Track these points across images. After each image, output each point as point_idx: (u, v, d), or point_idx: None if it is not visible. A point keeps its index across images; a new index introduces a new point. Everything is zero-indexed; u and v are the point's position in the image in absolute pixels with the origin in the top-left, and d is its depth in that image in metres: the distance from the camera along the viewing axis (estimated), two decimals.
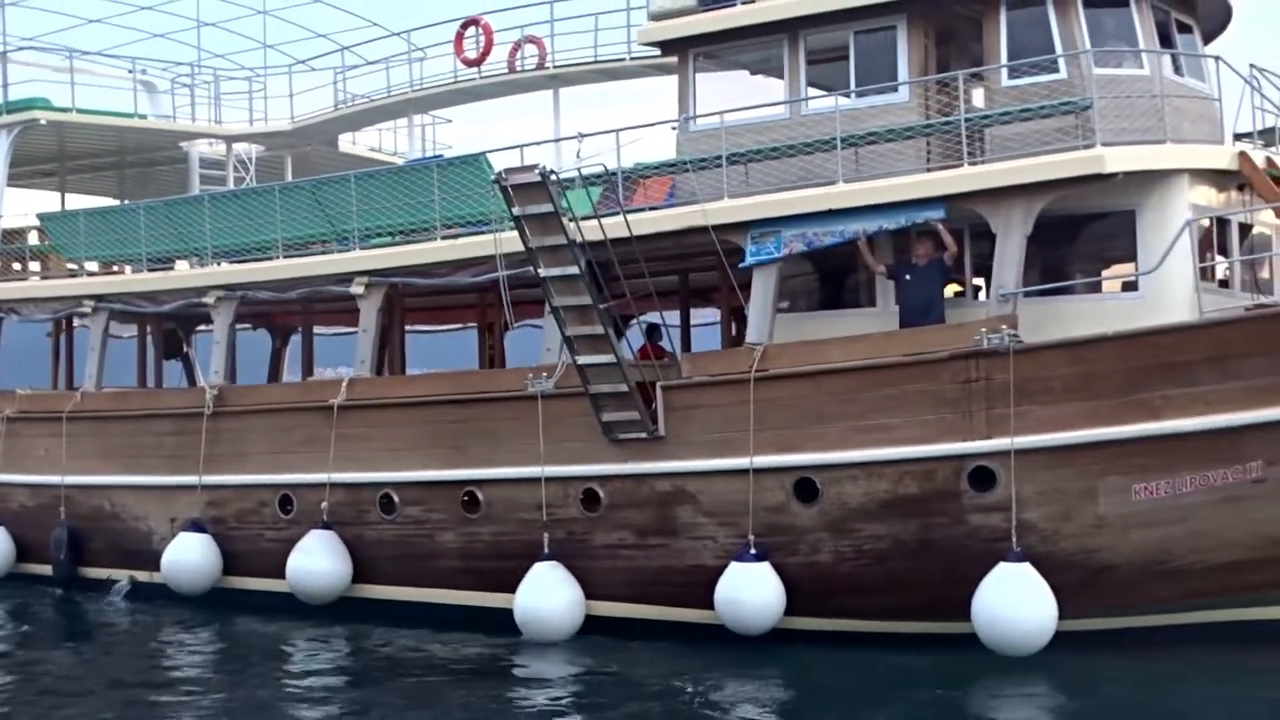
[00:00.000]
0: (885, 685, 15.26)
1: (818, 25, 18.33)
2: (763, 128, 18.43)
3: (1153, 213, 16.42)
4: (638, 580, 17.76)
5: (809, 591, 16.73)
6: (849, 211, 16.94)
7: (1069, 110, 16.26)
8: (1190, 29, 18.83)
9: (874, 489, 16.38)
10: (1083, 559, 15.98)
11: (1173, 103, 17.47)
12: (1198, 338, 15.48)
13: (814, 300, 18.81)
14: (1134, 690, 14.79)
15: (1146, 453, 15.66)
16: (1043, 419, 15.71)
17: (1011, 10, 17.46)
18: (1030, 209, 16.20)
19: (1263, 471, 15.66)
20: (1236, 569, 16.02)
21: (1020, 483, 15.74)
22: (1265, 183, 16.66)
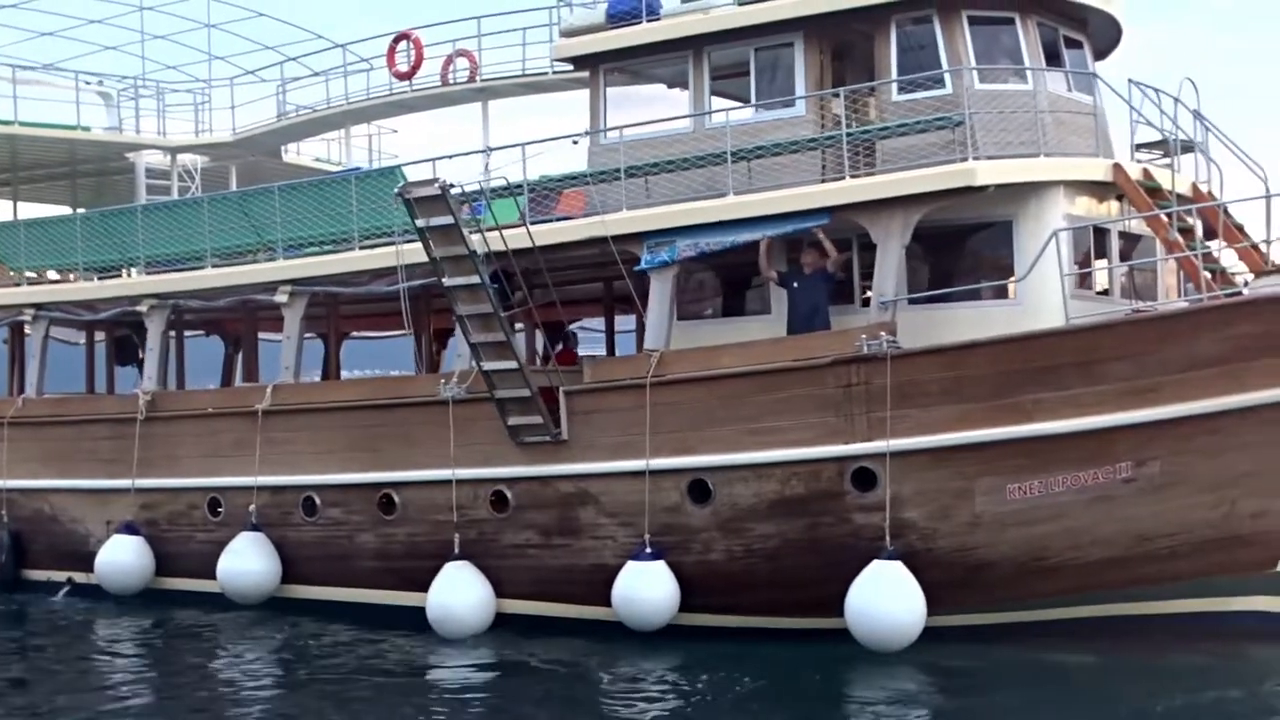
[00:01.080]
0: (771, 678, 15.85)
1: (720, 42, 19.02)
2: (672, 140, 19.12)
3: (1029, 223, 17.10)
4: (544, 579, 18.44)
5: (702, 589, 17.40)
6: (739, 222, 17.63)
7: (943, 126, 16.95)
8: (1080, 45, 19.49)
9: (763, 490, 17.06)
10: (961, 556, 16.65)
11: (1060, 116, 18.18)
12: (1065, 343, 16.16)
13: (715, 308, 19.46)
14: (1011, 683, 15.47)
15: (1020, 454, 16.34)
16: (920, 422, 16.38)
17: (900, 28, 18.17)
18: (908, 220, 16.89)
19: (1132, 471, 16.34)
20: (1111, 565, 16.72)
21: (898, 483, 16.41)
22: (1138, 194, 17.33)
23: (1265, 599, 17.13)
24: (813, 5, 18.27)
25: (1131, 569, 16.75)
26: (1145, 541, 16.63)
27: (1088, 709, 14.24)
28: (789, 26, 18.49)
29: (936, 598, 16.44)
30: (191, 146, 27.42)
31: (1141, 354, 15.98)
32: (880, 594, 16.12)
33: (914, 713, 14.61)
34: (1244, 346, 15.91)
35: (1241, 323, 15.97)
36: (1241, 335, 15.92)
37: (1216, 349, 15.92)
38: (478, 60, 24.57)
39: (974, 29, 18.03)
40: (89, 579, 22.36)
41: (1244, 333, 15.93)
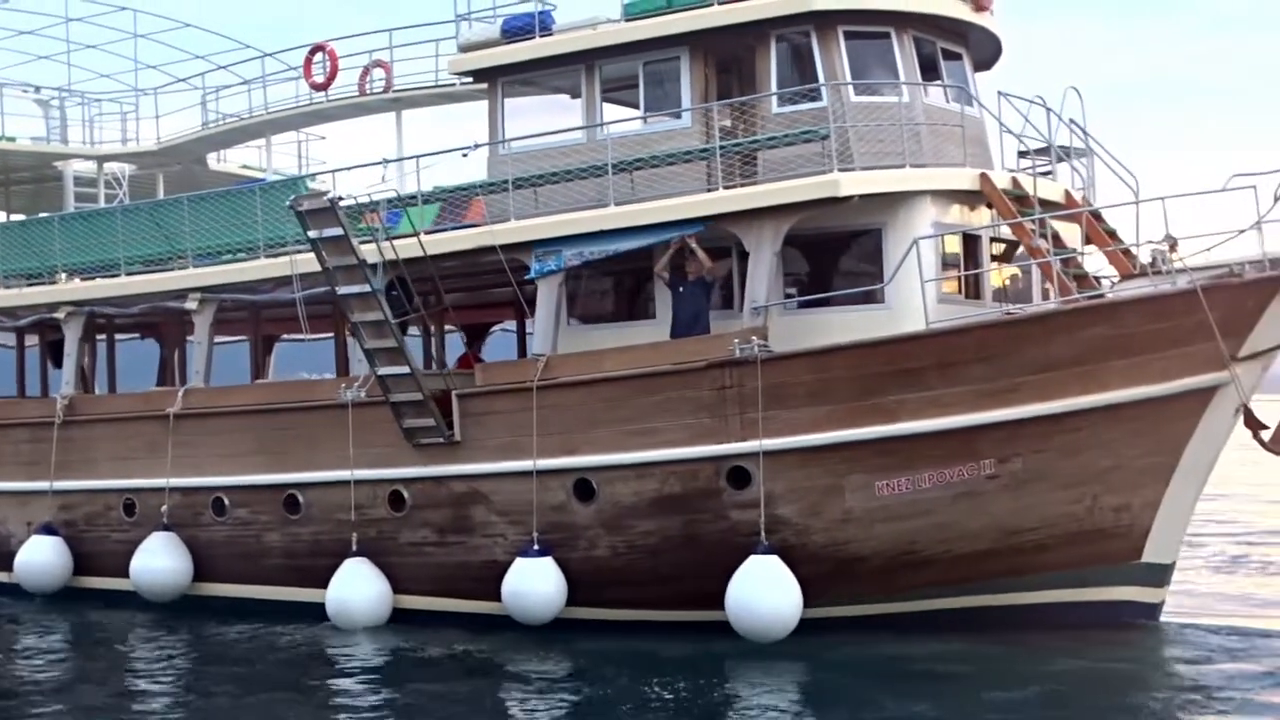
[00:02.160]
0: (655, 672, 16.36)
1: (611, 56, 19.68)
2: (567, 151, 19.75)
3: (897, 230, 17.80)
4: (439, 575, 19.12)
5: (588, 584, 18.09)
6: (620, 231, 18.32)
7: (810, 139, 17.63)
8: (959, 57, 20.18)
9: (644, 488, 17.77)
10: (834, 550, 17.38)
11: (936, 127, 18.86)
12: (925, 346, 16.89)
13: (605, 313, 20.10)
14: (884, 672, 16.01)
15: (887, 452, 17.08)
16: (790, 422, 17.10)
17: (779, 43, 18.83)
18: (779, 229, 17.61)
19: (996, 468, 17.09)
20: (979, 558, 17.47)
21: (771, 481, 17.13)
22: (1002, 202, 18.05)
23: (1131, 589, 17.91)
24: (697, 21, 18.93)
25: (1000, 561, 17.50)
26: (1012, 535, 17.40)
27: (956, 697, 14.81)
28: (675, 41, 19.15)
29: (812, 590, 17.16)
30: (118, 156, 27.89)
31: (998, 356, 16.73)
32: (757, 587, 16.83)
33: (790, 701, 15.17)
34: (1098, 348, 16.67)
35: (1095, 325, 16.73)
36: (1095, 337, 16.69)
37: (1071, 351, 16.68)
38: (394, 71, 25.05)
39: (850, 44, 18.71)
40: (10, 579, 22.90)
41: (1098, 335, 16.70)
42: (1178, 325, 16.63)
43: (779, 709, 14.49)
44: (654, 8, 19.20)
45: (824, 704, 14.85)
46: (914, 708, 14.29)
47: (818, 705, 14.83)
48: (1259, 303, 16.70)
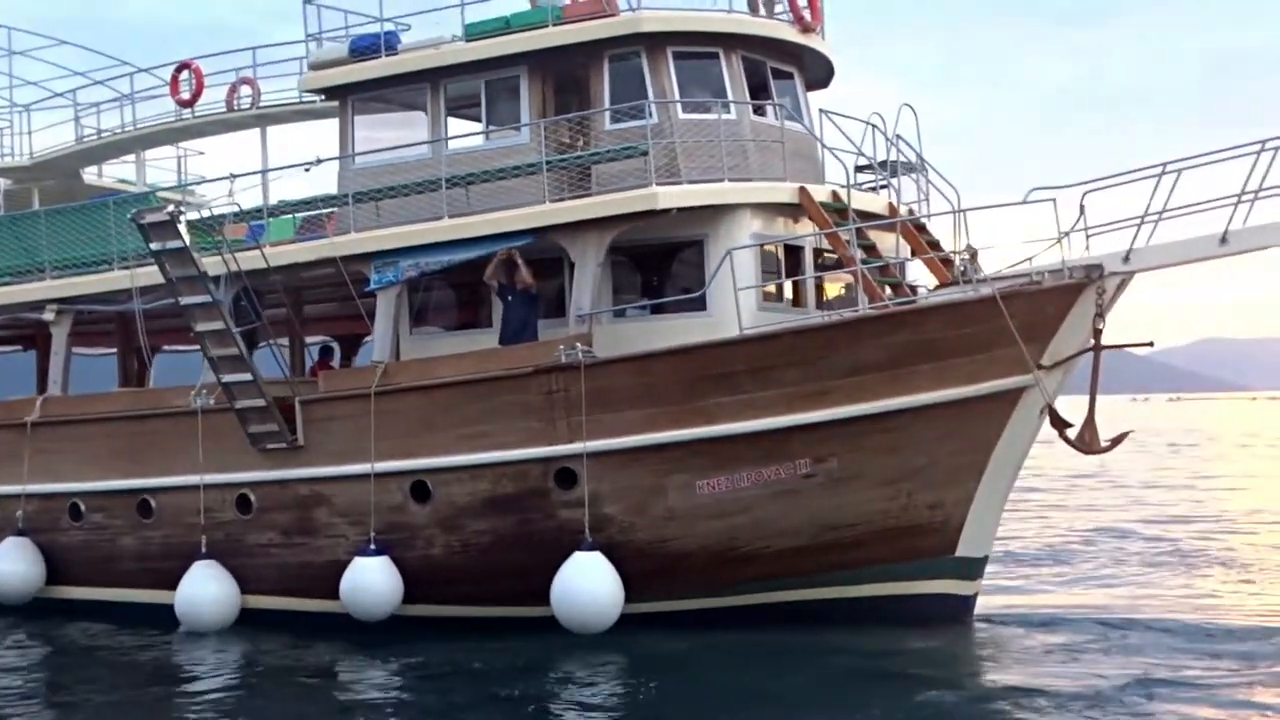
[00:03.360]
0: (482, 663, 17.19)
1: (454, 75, 20.40)
2: (417, 165, 20.42)
3: (718, 241, 18.61)
4: (285, 575, 19.74)
5: (425, 582, 18.77)
6: (455, 243, 19.05)
7: (630, 155, 18.44)
8: (791, 76, 21.06)
9: (477, 489, 18.49)
10: (658, 547, 18.16)
11: (764, 142, 19.69)
12: (740, 351, 17.71)
13: (448, 322, 20.79)
14: (710, 664, 16.85)
15: (706, 453, 17.88)
16: (614, 425, 17.88)
17: (612, 63, 19.62)
18: (602, 240, 18.43)
19: (812, 467, 17.92)
20: (799, 554, 18.29)
21: (597, 481, 17.90)
22: (819, 213, 18.91)
23: (946, 582, 18.77)
24: (534, 41, 19.71)
25: (819, 557, 18.32)
26: (830, 531, 18.22)
27: (777, 686, 15.57)
28: (514, 61, 19.91)
29: (639, 586, 17.97)
30: None
31: (809, 360, 17.57)
32: (579, 582, 17.59)
33: (609, 691, 15.79)
34: (905, 353, 17.54)
35: (900, 331, 17.60)
36: (902, 342, 17.55)
37: (880, 355, 17.54)
38: (261, 88, 25.61)
39: (679, 63, 19.54)
40: None
41: (904, 340, 17.56)
42: (981, 331, 17.48)
43: (596, 702, 15.13)
44: (493, 29, 19.94)
45: (643, 696, 15.47)
46: (733, 696, 15.04)
47: (636, 697, 15.45)
48: (1060, 309, 17.61)
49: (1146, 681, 15.17)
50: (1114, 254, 17.64)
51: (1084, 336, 17.66)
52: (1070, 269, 17.62)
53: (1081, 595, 21.74)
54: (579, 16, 19.60)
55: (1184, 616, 19.24)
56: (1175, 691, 14.72)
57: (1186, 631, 18.14)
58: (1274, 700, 14.41)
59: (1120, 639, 17.76)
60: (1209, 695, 14.56)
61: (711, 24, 19.63)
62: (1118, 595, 21.59)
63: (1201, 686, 14.94)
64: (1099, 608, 20.21)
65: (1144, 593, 21.79)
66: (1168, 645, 17.31)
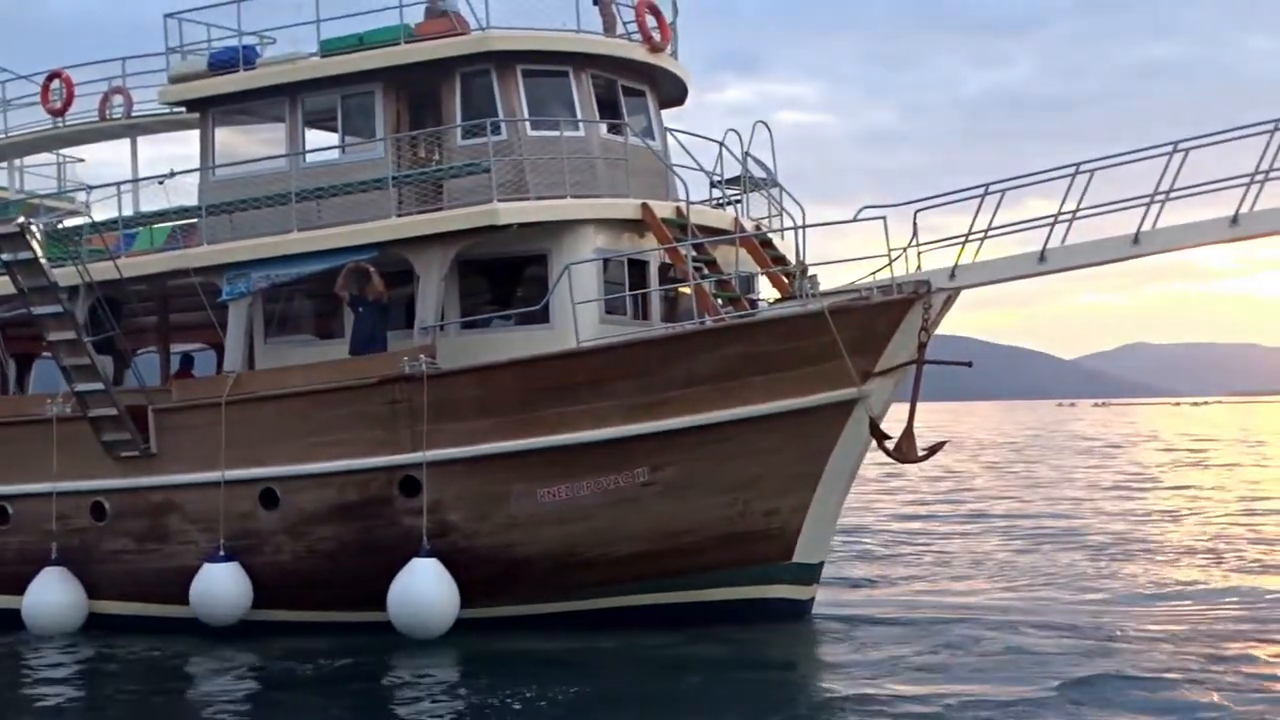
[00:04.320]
0: (334, 667, 17.56)
1: (311, 90, 20.81)
2: (277, 178, 20.76)
3: (562, 256, 19.13)
4: (138, 581, 20.06)
5: (273, 587, 19.17)
6: (304, 255, 19.48)
7: (473, 171, 18.96)
8: (642, 94, 21.63)
9: (323, 497, 18.93)
10: (501, 553, 18.66)
11: (616, 157, 20.24)
12: (577, 363, 18.26)
13: (303, 332, 21.17)
14: (548, 668, 17.08)
15: (547, 461, 18.41)
16: (456, 434, 18.38)
17: (464, 80, 20.11)
18: (446, 254, 18.94)
19: (649, 476, 18.49)
20: (640, 559, 18.83)
21: (439, 489, 18.38)
22: (660, 229, 19.48)
23: (783, 587, 19.40)
24: (387, 58, 20.16)
25: (659, 562, 18.88)
26: (668, 538, 18.78)
27: (616, 688, 16.07)
28: (369, 77, 20.35)
29: (484, 591, 18.47)
30: None
31: (646, 372, 18.14)
32: (414, 588, 18.07)
33: (445, 694, 16.14)
34: (738, 365, 18.14)
35: (733, 344, 18.21)
36: (735, 355, 18.16)
37: (714, 367, 18.14)
38: (134, 98, 25.85)
39: (529, 81, 20.07)
40: None
41: (737, 353, 18.17)
42: (812, 345, 18.12)
43: (429, 704, 15.56)
44: (347, 45, 20.38)
45: (476, 699, 15.76)
46: (570, 699, 15.39)
47: (470, 701, 15.74)
48: (889, 324, 18.28)
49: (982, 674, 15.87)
50: (941, 270, 18.34)
51: (913, 350, 18.33)
52: (899, 285, 18.29)
53: (924, 595, 22.34)
54: (430, 35, 20.10)
55: (1025, 614, 19.92)
56: (1010, 678, 15.47)
57: (1025, 627, 18.80)
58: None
59: (957, 636, 18.32)
60: (1042, 685, 15.19)
61: (560, 43, 20.16)
62: (966, 595, 22.22)
63: (1035, 681, 15.46)
64: (940, 608, 20.78)
65: (991, 591, 22.47)
66: (1008, 641, 17.91)
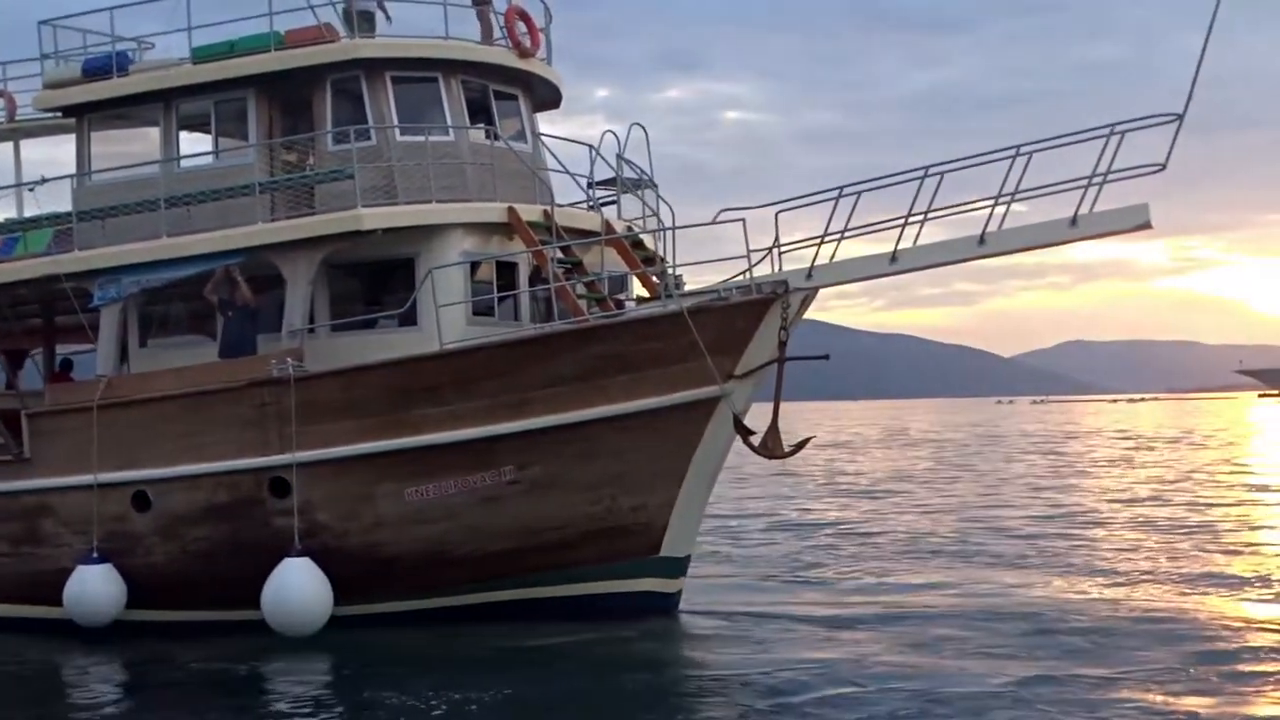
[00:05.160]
0: (201, 662, 17.92)
1: (185, 96, 21.05)
2: (151, 183, 20.98)
3: (429, 259, 19.49)
4: (13, 584, 20.27)
5: (147, 588, 19.45)
6: (174, 260, 19.76)
7: (337, 177, 19.31)
8: (515, 98, 22.00)
9: (195, 498, 19.23)
10: (371, 552, 19.02)
11: (486, 161, 20.62)
12: (441, 365, 18.65)
13: (178, 335, 21.42)
14: (416, 663, 17.51)
15: (414, 461, 18.79)
16: (324, 435, 18.73)
17: (334, 87, 20.42)
18: (313, 260, 19.29)
19: (515, 474, 18.91)
20: (508, 556, 19.26)
21: (309, 490, 18.73)
22: (526, 232, 19.88)
23: (651, 581, 19.86)
24: (258, 65, 20.45)
25: (527, 559, 19.31)
26: (536, 534, 19.20)
27: (487, 682, 16.19)
28: (241, 84, 20.62)
29: (355, 589, 18.85)
30: None
31: (508, 373, 18.56)
32: (287, 587, 18.42)
33: (325, 692, 16.47)
34: (601, 365, 18.59)
35: (594, 344, 18.66)
36: (597, 355, 18.61)
37: (576, 367, 18.58)
38: (17, 101, 25.90)
39: (399, 87, 20.41)
40: None
41: (598, 353, 18.62)
42: (673, 344, 18.58)
43: (308, 701, 15.84)
44: (218, 52, 20.64)
45: (348, 694, 16.11)
46: (441, 692, 15.66)
47: (345, 698, 16.02)
48: (750, 323, 18.78)
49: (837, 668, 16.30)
50: (798, 271, 18.86)
51: (773, 348, 18.84)
52: (758, 285, 18.79)
53: (792, 592, 22.89)
54: (301, 42, 20.38)
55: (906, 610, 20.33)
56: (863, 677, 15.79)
57: (897, 621, 19.24)
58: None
59: (817, 631, 18.83)
60: (904, 684, 15.40)
61: (429, 50, 20.52)
62: (834, 591, 22.77)
63: (897, 676, 15.76)
64: (810, 603, 21.31)
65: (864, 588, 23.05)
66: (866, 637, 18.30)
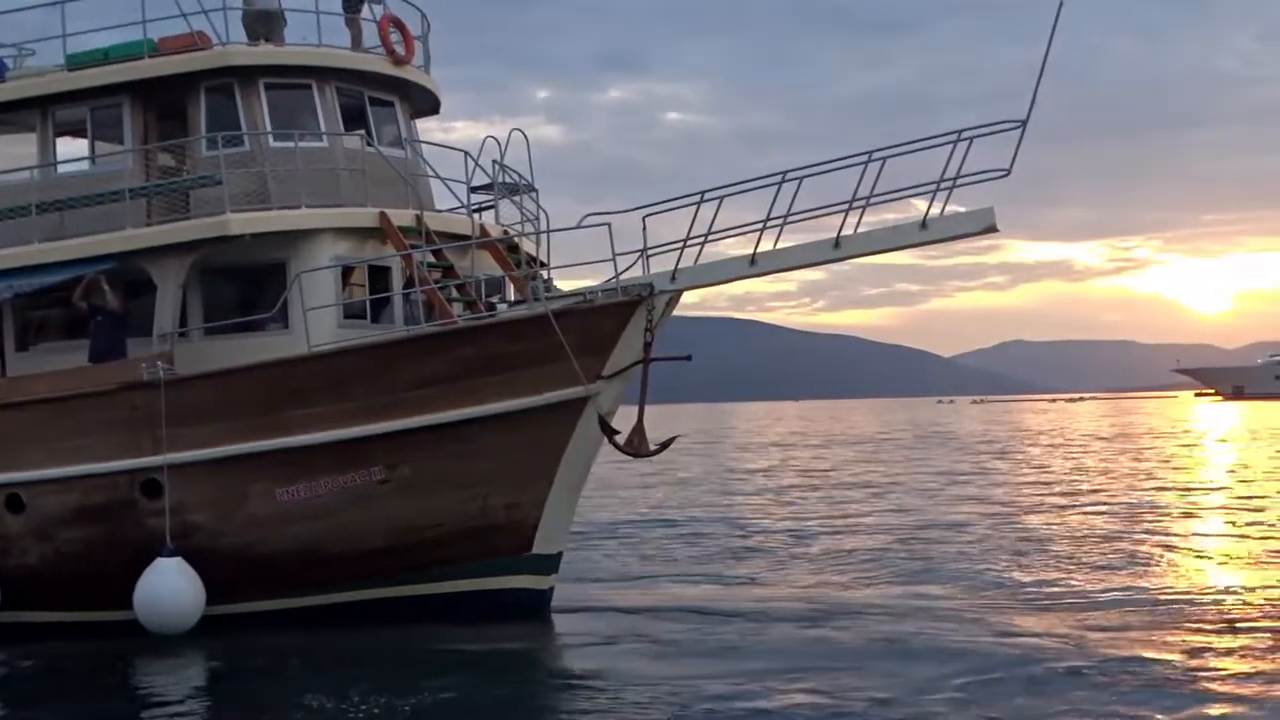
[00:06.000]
0: (78, 662, 18.11)
1: (62, 103, 21.28)
2: (28, 188, 21.19)
3: (300, 264, 19.83)
4: None
5: (21, 590, 19.67)
6: (47, 266, 20.00)
7: (204, 184, 19.66)
8: (391, 104, 22.40)
9: (68, 501, 19.47)
10: (245, 551, 19.34)
11: (361, 167, 21.00)
12: (309, 367, 19.02)
13: (59, 340, 21.58)
14: (289, 661, 17.79)
15: (286, 462, 19.13)
16: (196, 437, 19.04)
17: (208, 94, 20.75)
18: (182, 264, 19.62)
19: (386, 474, 19.29)
20: (382, 554, 19.63)
21: (182, 491, 19.03)
22: (396, 236, 20.29)
23: (524, 578, 20.28)
24: (133, 72, 20.73)
25: (402, 557, 19.67)
26: (410, 533, 19.57)
27: (366, 679, 16.47)
28: (117, 90, 20.90)
29: (232, 588, 19.15)
30: None
31: (378, 374, 18.95)
32: (159, 586, 18.72)
33: (197, 692, 16.72)
34: (469, 366, 19.00)
35: (461, 346, 19.08)
36: (465, 356, 19.02)
37: (445, 368, 18.98)
38: None
39: (272, 94, 20.76)
40: None
41: (467, 354, 19.04)
42: (541, 346, 19.02)
43: (179, 700, 16.09)
44: (93, 59, 20.90)
45: (223, 694, 16.42)
46: (316, 690, 15.91)
47: (216, 695, 16.40)
48: (617, 324, 19.25)
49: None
50: (663, 273, 19.36)
51: (639, 349, 19.33)
52: (623, 288, 19.27)
53: (665, 589, 23.41)
54: (174, 50, 20.69)
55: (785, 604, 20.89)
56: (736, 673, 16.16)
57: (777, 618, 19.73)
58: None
59: (695, 625, 19.30)
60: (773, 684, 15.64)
61: (302, 58, 20.89)
62: (705, 588, 23.32)
63: (770, 674, 16.04)
64: (680, 599, 21.81)
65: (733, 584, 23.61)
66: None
